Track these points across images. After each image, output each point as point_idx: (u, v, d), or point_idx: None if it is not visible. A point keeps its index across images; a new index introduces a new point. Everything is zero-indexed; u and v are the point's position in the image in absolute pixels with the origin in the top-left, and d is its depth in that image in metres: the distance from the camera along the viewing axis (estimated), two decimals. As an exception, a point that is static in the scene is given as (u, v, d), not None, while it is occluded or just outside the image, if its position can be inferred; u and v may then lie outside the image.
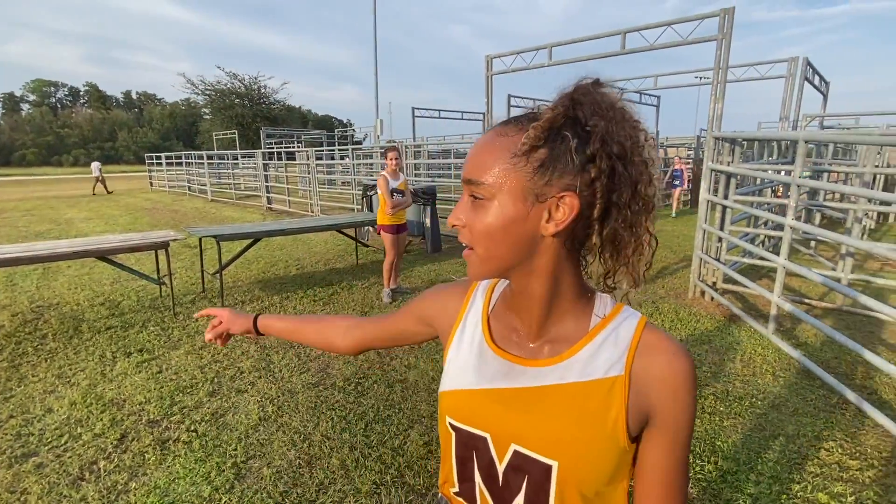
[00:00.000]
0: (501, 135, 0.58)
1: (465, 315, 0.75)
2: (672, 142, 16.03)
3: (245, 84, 31.70)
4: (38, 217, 12.00)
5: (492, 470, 0.66)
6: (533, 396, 0.63)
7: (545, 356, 0.65)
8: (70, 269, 6.24)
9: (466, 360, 0.70)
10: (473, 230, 0.61)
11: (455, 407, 0.70)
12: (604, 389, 0.60)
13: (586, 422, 0.59)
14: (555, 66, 6.28)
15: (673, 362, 0.60)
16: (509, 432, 0.64)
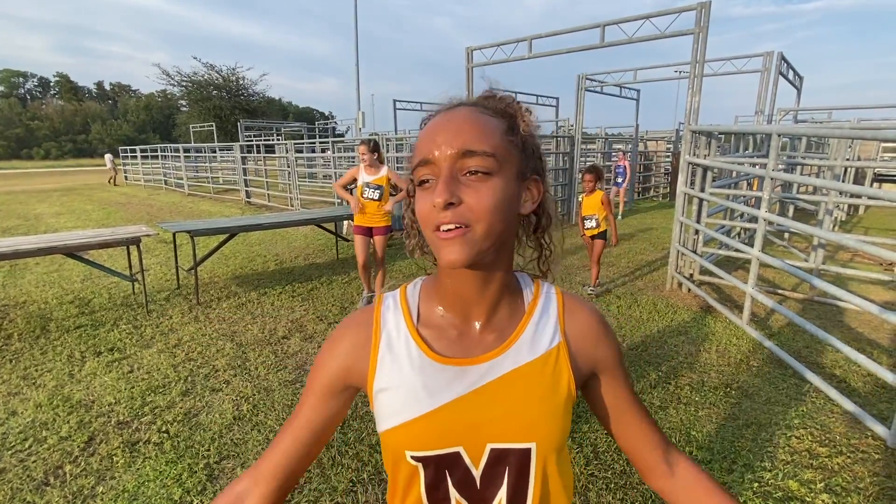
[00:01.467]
0: (482, 113, 0.60)
1: (380, 341, 0.65)
2: (652, 135, 16.22)
3: (223, 75, 30.95)
4: (6, 212, 11.57)
5: (468, 480, 0.64)
6: (495, 390, 0.63)
7: (493, 344, 0.65)
8: (38, 267, 6.03)
9: (410, 385, 0.63)
10: (476, 207, 0.56)
11: (415, 438, 0.62)
12: (552, 360, 0.65)
13: (548, 395, 0.64)
14: (535, 58, 6.27)
15: (591, 316, 0.69)
16: (482, 435, 0.63)
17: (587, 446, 2.44)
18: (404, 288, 0.71)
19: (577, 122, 9.33)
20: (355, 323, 0.68)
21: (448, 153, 0.56)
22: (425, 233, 0.59)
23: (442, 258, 0.57)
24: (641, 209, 11.69)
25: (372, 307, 0.69)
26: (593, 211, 4.70)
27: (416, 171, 0.59)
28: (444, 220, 0.56)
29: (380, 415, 0.64)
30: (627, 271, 5.84)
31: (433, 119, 0.61)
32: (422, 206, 0.58)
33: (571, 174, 9.45)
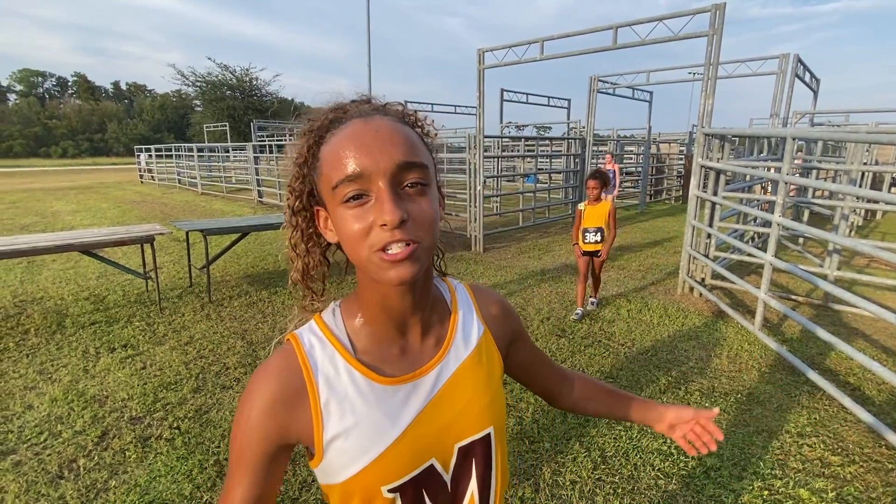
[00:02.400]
0: (403, 124, 0.58)
1: (317, 385, 0.58)
2: (664, 138, 16.08)
3: (236, 76, 31.29)
4: (24, 209, 11.81)
5: (440, 486, 0.64)
6: (449, 393, 0.64)
7: (434, 349, 0.65)
8: (55, 263, 6.15)
9: (368, 419, 0.58)
10: (420, 221, 0.53)
11: (389, 470, 0.59)
12: (484, 347, 0.69)
13: (490, 380, 0.69)
14: (547, 60, 6.25)
15: (496, 299, 0.76)
16: (449, 439, 0.64)
17: (594, 450, 2.43)
18: (320, 319, 0.64)
19: (589, 123, 9.28)
20: (276, 374, 0.58)
21: (388, 165, 0.52)
22: (358, 254, 0.54)
23: (390, 278, 0.53)
24: (653, 212, 11.59)
25: (289, 350, 0.60)
26: (598, 223, 4.18)
27: (342, 186, 0.53)
28: (395, 238, 0.51)
29: (338, 464, 0.58)
30: (638, 275, 5.80)
31: (346, 128, 0.55)
32: (357, 226, 0.53)
33: (582, 176, 9.40)
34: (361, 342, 0.62)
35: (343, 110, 0.58)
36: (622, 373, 3.26)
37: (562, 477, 2.24)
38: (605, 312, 4.45)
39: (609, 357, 3.51)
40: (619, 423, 2.66)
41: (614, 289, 5.20)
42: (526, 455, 2.40)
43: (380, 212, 0.51)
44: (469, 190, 8.03)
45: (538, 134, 17.88)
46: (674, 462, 2.34)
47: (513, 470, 2.29)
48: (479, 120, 6.99)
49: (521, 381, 0.85)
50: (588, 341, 3.80)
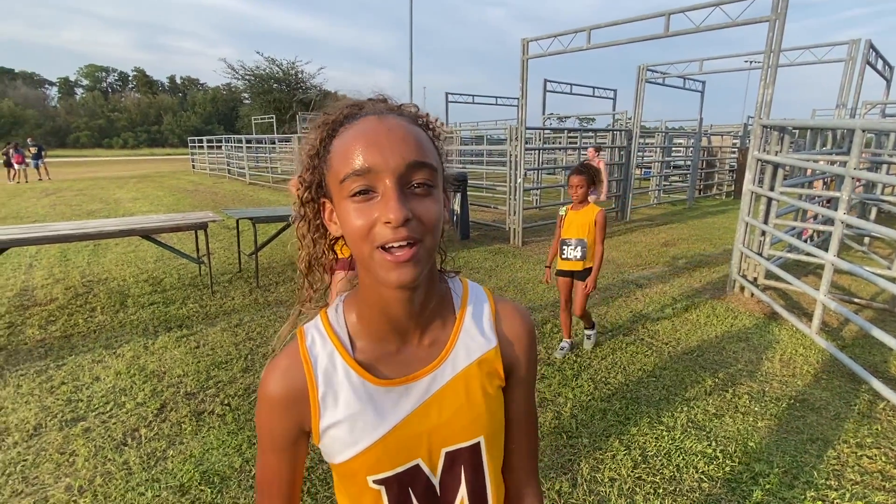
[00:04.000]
0: (411, 124, 0.58)
1: (316, 381, 0.62)
2: (717, 129, 15.34)
3: (283, 69, 32.18)
4: (90, 196, 12.65)
5: (429, 490, 0.66)
6: (440, 399, 0.64)
7: (430, 354, 0.64)
8: (118, 247, 6.57)
9: (359, 415, 0.61)
10: (424, 221, 0.54)
11: (375, 462, 0.62)
12: (489, 360, 0.66)
13: (487, 392, 0.66)
14: (594, 49, 6.07)
15: (525, 324, 0.70)
16: (436, 443, 0.64)
17: (635, 449, 2.38)
18: (325, 315, 0.66)
19: (636, 115, 8.97)
20: (282, 370, 0.62)
21: (397, 164, 0.53)
22: (360, 250, 0.55)
23: (390, 280, 0.53)
24: (702, 207, 11.11)
25: (294, 347, 0.64)
26: (581, 233, 3.20)
27: (349, 180, 0.53)
28: (398, 237, 0.52)
29: (332, 449, 0.63)
30: (685, 273, 5.59)
31: (360, 124, 0.56)
32: (360, 221, 0.53)
33: (628, 170, 9.13)
34: (360, 341, 0.63)
35: (358, 106, 0.59)
36: (665, 372, 3.17)
37: (600, 473, 2.21)
38: (649, 310, 4.33)
39: (652, 356, 3.42)
40: (662, 423, 2.59)
41: (658, 286, 5.04)
42: (563, 450, 2.38)
43: (385, 209, 0.52)
44: (509, 182, 7.96)
45: (581, 126, 17.46)
46: (719, 465, 2.27)
47: (550, 463, 2.28)
48: (521, 111, 6.90)
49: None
50: (630, 339, 3.71)
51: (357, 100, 0.61)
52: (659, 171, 11.95)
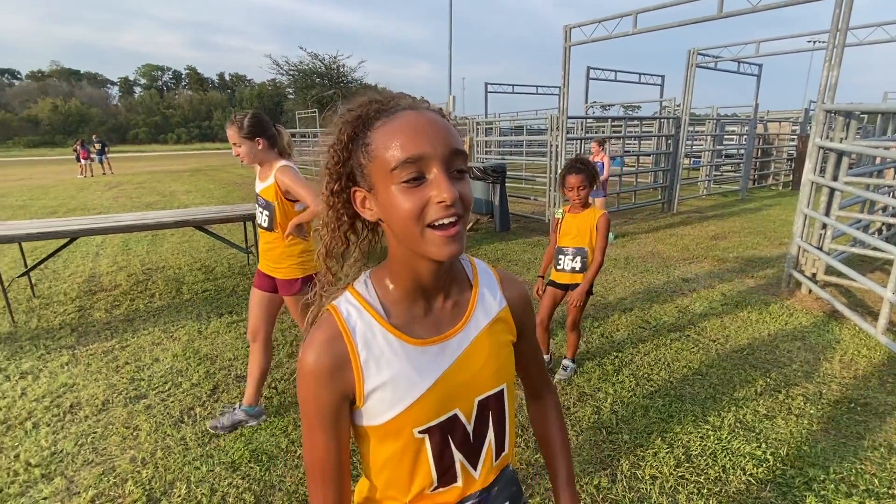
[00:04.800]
0: (443, 117, 0.65)
1: (357, 348, 0.67)
2: (774, 115, 14.44)
3: (325, 64, 32.85)
4: (148, 189, 13.42)
5: (465, 438, 0.74)
6: (470, 354, 0.73)
7: (455, 315, 0.73)
8: (173, 237, 6.96)
9: (402, 374, 0.68)
10: (465, 201, 0.62)
11: (420, 415, 0.69)
12: (502, 318, 0.78)
13: (504, 344, 0.79)
14: (641, 33, 5.84)
15: (522, 289, 0.84)
16: (470, 393, 0.74)
17: (678, 447, 2.32)
18: (353, 290, 0.71)
19: (685, 101, 8.58)
20: (323, 342, 0.67)
21: (444, 152, 0.60)
22: (408, 230, 0.61)
23: (442, 253, 0.61)
24: (756, 198, 10.54)
25: (330, 321, 0.68)
26: (581, 241, 2.71)
27: (402, 168, 0.59)
28: (448, 213, 0.59)
29: (378, 410, 0.68)
30: (736, 267, 5.34)
31: (402, 117, 0.62)
32: (411, 204, 0.59)
33: (675, 159, 8.77)
34: (393, 308, 0.70)
35: (390, 100, 0.65)
36: (712, 370, 3.06)
37: (641, 471, 2.17)
38: (696, 306, 4.17)
39: (699, 353, 3.30)
40: (707, 422, 2.51)
41: (706, 280, 4.84)
42: (603, 445, 2.35)
43: (439, 190, 0.59)
44: (549, 173, 7.82)
45: (625, 114, 16.87)
46: (769, 469, 2.17)
47: (588, 458, 2.26)
48: (563, 100, 6.75)
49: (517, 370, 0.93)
50: (675, 335, 3.59)
51: (377, 96, 0.66)
52: (709, 160, 11.40)
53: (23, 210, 9.75)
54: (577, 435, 2.43)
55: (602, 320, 3.87)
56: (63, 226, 4.17)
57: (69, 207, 10.02)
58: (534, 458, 2.25)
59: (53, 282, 4.98)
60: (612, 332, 3.63)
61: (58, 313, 4.09)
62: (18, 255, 4.98)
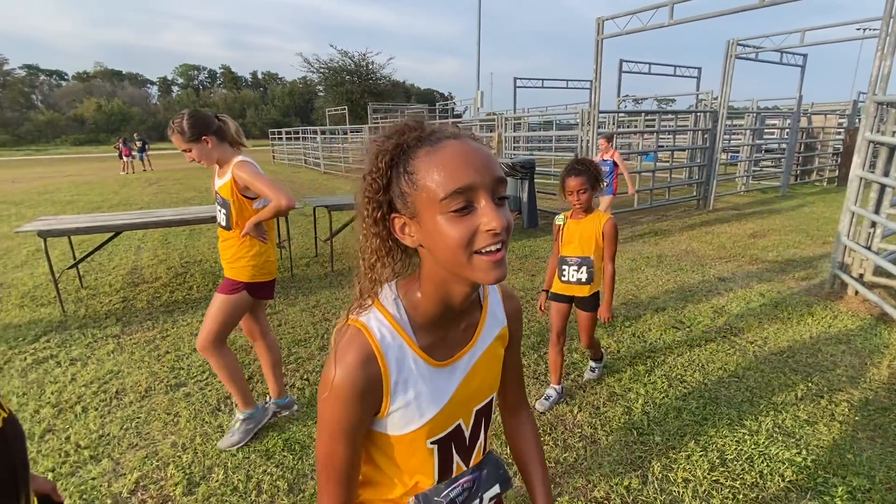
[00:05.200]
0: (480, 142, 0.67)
1: (390, 370, 0.70)
2: (819, 108, 13.77)
3: (354, 61, 33.21)
4: (186, 185, 13.91)
5: (462, 441, 0.81)
6: (476, 370, 0.79)
7: (466, 335, 0.78)
8: (210, 231, 7.19)
9: (424, 394, 0.73)
10: (510, 225, 0.63)
11: (434, 429, 0.75)
12: (501, 335, 0.84)
13: (499, 357, 0.85)
14: (677, 25, 5.67)
15: (517, 303, 0.89)
16: (472, 404, 0.81)
17: (712, 451, 2.26)
18: (383, 309, 0.72)
19: (723, 94, 8.28)
20: (359, 364, 0.68)
21: (491, 181, 0.62)
22: (455, 257, 0.63)
23: (490, 278, 0.63)
24: (798, 195, 10.10)
25: (363, 342, 0.69)
26: (585, 249, 2.44)
27: (451, 198, 0.60)
28: (497, 240, 0.62)
29: (399, 423, 0.73)
30: (776, 267, 5.14)
31: (447, 146, 0.63)
32: (460, 232, 0.61)
33: (712, 154, 8.48)
34: (420, 331, 0.73)
35: (429, 129, 0.66)
36: (749, 373, 2.96)
37: (673, 473, 2.12)
38: (732, 306, 4.04)
39: (735, 354, 3.20)
40: (743, 427, 2.43)
41: (744, 280, 4.68)
42: (633, 446, 2.31)
43: (489, 219, 0.61)
44: (580, 169, 7.69)
45: (658, 108, 16.41)
46: (810, 476, 2.09)
47: (618, 458, 2.22)
48: (595, 94, 6.63)
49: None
50: (710, 336, 3.49)
51: (412, 122, 0.68)
52: (748, 155, 10.98)
53: (70, 205, 10.26)
54: (606, 435, 2.40)
55: (634, 319, 3.80)
56: (109, 220, 4.38)
57: (112, 203, 10.48)
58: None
59: (99, 273, 5.23)
60: (645, 332, 3.56)
61: (103, 304, 4.30)
62: (68, 248, 5.25)
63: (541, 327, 3.64)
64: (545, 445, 2.32)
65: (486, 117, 15.75)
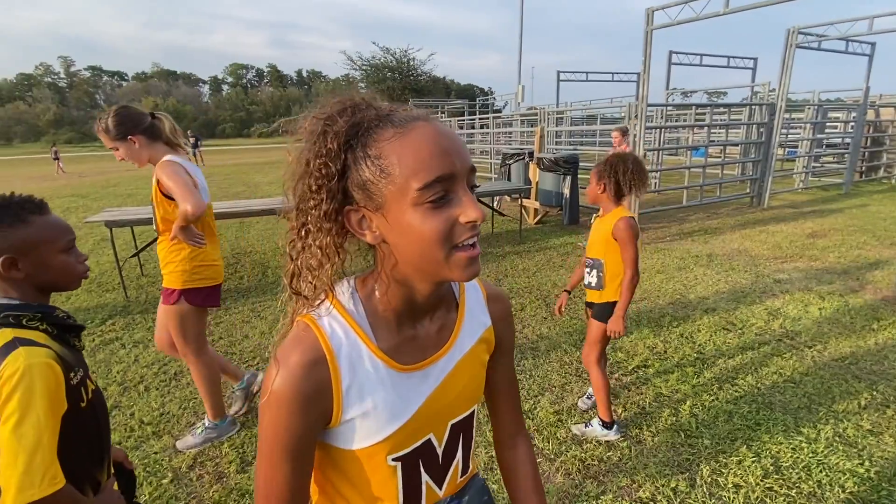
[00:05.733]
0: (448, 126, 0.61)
1: (341, 372, 0.60)
2: (889, 100, 12.77)
3: (396, 58, 33.49)
4: (235, 180, 14.51)
5: (434, 458, 0.71)
6: (452, 379, 0.68)
7: (440, 338, 0.68)
8: (259, 224, 7.49)
9: (385, 402, 0.62)
10: (482, 219, 0.57)
11: (397, 444, 0.65)
12: (485, 339, 0.74)
13: (482, 365, 0.75)
14: (733, 13, 5.41)
15: (507, 304, 0.79)
16: (445, 418, 0.70)
17: (766, 457, 2.17)
18: (338, 304, 0.62)
19: (782, 85, 7.83)
20: (306, 368, 0.58)
21: (465, 168, 0.56)
22: (431, 253, 0.55)
23: (466, 275, 0.57)
24: (863, 193, 9.43)
25: (311, 339, 0.59)
26: (598, 252, 2.24)
27: (429, 188, 0.53)
28: (473, 233, 0.56)
29: (354, 436, 0.62)
30: (837, 269, 4.83)
31: (418, 129, 0.55)
32: (439, 224, 0.54)
33: (768, 149, 8.05)
34: (380, 328, 0.63)
35: (385, 108, 0.58)
36: (807, 378, 2.81)
37: (723, 478, 2.05)
38: (789, 308, 3.83)
39: (791, 359, 3.04)
40: (800, 434, 2.31)
41: (802, 282, 4.43)
42: (681, 448, 2.25)
43: (467, 210, 0.55)
44: (624, 165, 7.48)
45: (709, 101, 15.71)
46: (873, 488, 1.97)
47: (664, 460, 2.17)
48: (644, 87, 6.42)
49: (484, 394, 0.81)
50: (764, 338, 3.33)
51: (360, 98, 0.59)
52: (808, 150, 10.34)
53: (130, 198, 10.91)
54: (652, 436, 2.34)
55: (682, 319, 3.68)
56: (168, 212, 4.63)
57: (169, 196, 11.07)
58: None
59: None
60: (693, 333, 3.44)
61: (163, 290, 4.56)
62: (130, 238, 5.60)
63: (583, 325, 3.59)
64: (587, 444, 2.30)
65: (527, 112, 15.55)
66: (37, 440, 0.83)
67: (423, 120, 0.57)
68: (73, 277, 1.07)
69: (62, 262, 1.03)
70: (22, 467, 0.81)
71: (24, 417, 0.84)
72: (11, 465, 0.81)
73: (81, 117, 69.50)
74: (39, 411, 0.85)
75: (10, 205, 0.97)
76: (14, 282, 0.98)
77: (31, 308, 0.97)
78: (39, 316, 0.97)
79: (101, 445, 1.05)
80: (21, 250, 0.96)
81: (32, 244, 0.98)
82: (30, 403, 0.85)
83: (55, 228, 1.02)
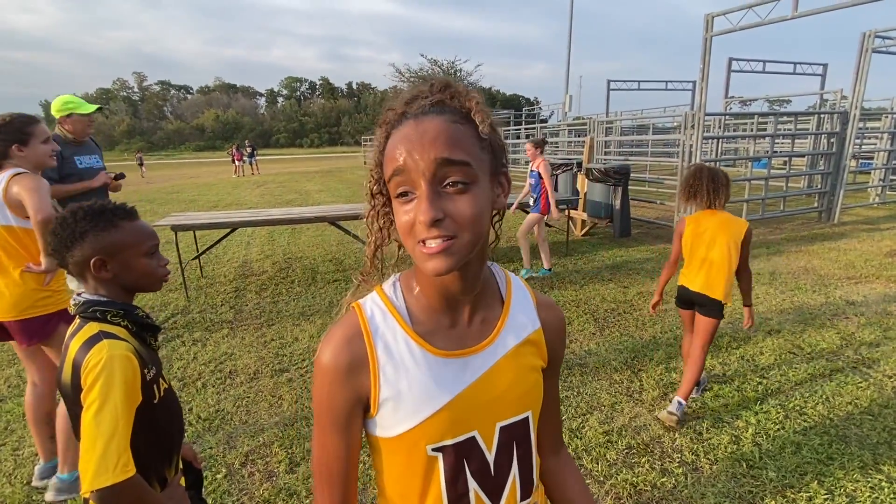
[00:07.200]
0: (451, 122, 0.57)
1: (377, 351, 0.64)
2: (981, 107, 11.61)
3: (443, 69, 34.00)
4: (287, 188, 15.11)
5: (483, 467, 0.68)
6: (495, 373, 0.67)
7: (483, 331, 0.68)
8: (309, 231, 7.75)
9: (421, 384, 0.64)
10: (458, 219, 0.55)
11: (435, 431, 0.65)
12: (534, 341, 0.72)
13: (534, 369, 0.72)
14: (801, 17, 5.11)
15: (560, 315, 0.77)
16: (491, 416, 0.68)
17: (840, 495, 1.99)
18: (381, 291, 0.68)
19: (856, 93, 7.29)
20: (343, 340, 0.64)
21: (426, 165, 0.54)
22: (406, 243, 0.58)
23: (427, 269, 0.57)
24: None
25: (352, 319, 0.66)
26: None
27: (392, 182, 0.57)
28: (431, 235, 0.55)
29: (391, 420, 0.65)
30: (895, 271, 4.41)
31: (402, 128, 0.57)
32: (405, 218, 0.56)
33: (839, 161, 7.51)
34: (417, 314, 0.66)
35: (405, 107, 0.60)
36: (887, 411, 2.56)
37: (792, 515, 1.90)
38: (864, 333, 3.53)
39: (868, 389, 2.79)
40: (880, 472, 2.11)
41: (880, 305, 4.08)
42: (742, 479, 2.10)
43: (418, 210, 0.55)
44: (679, 175, 7.20)
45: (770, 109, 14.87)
46: (973, 541, 1.76)
47: (724, 491, 2.04)
48: (702, 95, 6.17)
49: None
50: (837, 365, 3.08)
51: (414, 91, 0.62)
52: (885, 161, 9.56)
53: (192, 204, 11.59)
54: (710, 464, 2.21)
55: (742, 341, 3.47)
56: (227, 218, 4.89)
57: (226, 202, 11.68)
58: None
59: (216, 265, 5.85)
60: (755, 355, 3.23)
61: (219, 292, 4.80)
62: (191, 241, 5.93)
63: (634, 342, 3.45)
64: (639, 467, 2.19)
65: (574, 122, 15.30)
66: (114, 427, 0.88)
67: (413, 118, 0.58)
68: (155, 279, 1.14)
69: (145, 264, 1.10)
70: (99, 451, 0.86)
71: (104, 405, 0.89)
72: (90, 450, 0.86)
73: (151, 128, 74.93)
74: (117, 400, 0.90)
75: (104, 211, 1.05)
76: (103, 281, 1.06)
77: (115, 305, 1.04)
78: (122, 313, 1.04)
79: (171, 442, 1.10)
80: (110, 252, 1.04)
81: (120, 247, 1.05)
82: (109, 392, 0.90)
83: (141, 233, 1.10)
